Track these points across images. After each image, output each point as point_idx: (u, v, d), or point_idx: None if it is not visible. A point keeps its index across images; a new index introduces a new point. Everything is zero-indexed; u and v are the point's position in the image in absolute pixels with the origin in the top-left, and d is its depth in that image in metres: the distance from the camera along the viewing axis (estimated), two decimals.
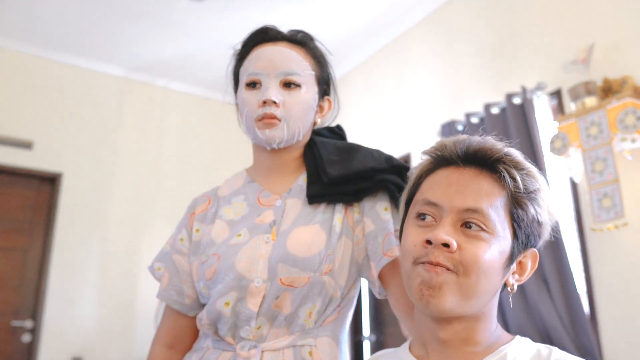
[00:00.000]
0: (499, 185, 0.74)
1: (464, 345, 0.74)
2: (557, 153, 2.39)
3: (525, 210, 0.74)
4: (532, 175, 0.76)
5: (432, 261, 0.71)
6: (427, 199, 0.76)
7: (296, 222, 1.00)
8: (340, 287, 0.99)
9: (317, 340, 0.97)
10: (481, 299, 0.72)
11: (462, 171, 0.76)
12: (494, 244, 0.71)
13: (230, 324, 0.97)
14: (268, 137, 1.01)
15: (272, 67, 1.02)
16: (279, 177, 1.09)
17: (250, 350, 0.94)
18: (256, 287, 0.96)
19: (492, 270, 0.71)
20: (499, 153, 0.76)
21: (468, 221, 0.72)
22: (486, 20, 3.15)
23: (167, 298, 1.08)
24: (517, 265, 0.76)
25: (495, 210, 0.72)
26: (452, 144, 0.78)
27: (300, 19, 3.64)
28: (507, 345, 0.74)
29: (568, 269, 2.37)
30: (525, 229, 0.74)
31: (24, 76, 3.95)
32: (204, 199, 1.13)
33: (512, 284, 0.76)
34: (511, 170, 0.74)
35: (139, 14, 3.60)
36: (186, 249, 1.09)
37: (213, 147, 4.56)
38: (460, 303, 0.71)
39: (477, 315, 0.74)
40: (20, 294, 3.69)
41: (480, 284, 0.70)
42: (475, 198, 0.73)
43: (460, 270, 0.70)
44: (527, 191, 0.74)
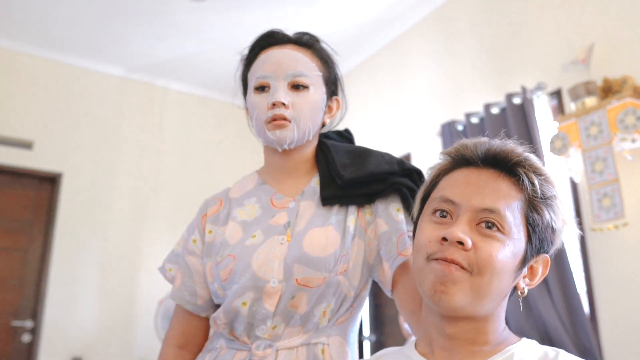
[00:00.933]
0: (516, 188, 0.75)
1: (470, 344, 0.74)
2: (557, 153, 2.39)
3: (541, 215, 0.75)
4: (550, 182, 0.76)
5: (447, 258, 0.71)
6: (444, 196, 0.76)
7: (311, 224, 1.02)
8: (354, 287, 1.00)
9: (329, 339, 0.98)
10: (492, 300, 0.72)
11: (481, 172, 0.77)
12: (509, 245, 0.72)
13: (246, 323, 0.98)
14: (279, 137, 1.03)
15: (279, 70, 1.04)
16: (291, 180, 1.10)
17: (266, 350, 0.95)
18: (272, 287, 0.97)
19: (505, 271, 0.72)
20: (519, 157, 0.76)
21: (484, 220, 0.73)
22: (486, 21, 3.15)
23: (180, 299, 1.09)
24: (528, 270, 0.76)
25: (511, 212, 0.73)
26: (473, 145, 0.79)
27: (300, 19, 3.64)
28: (514, 346, 0.74)
29: (568, 269, 2.37)
30: (539, 234, 0.75)
31: (24, 76, 3.95)
32: (215, 200, 1.14)
33: (522, 287, 0.76)
34: (530, 174, 0.75)
35: (139, 14, 3.60)
36: (199, 250, 1.09)
37: (213, 147, 4.57)
38: (471, 302, 0.71)
39: (486, 316, 0.74)
40: (20, 294, 3.69)
41: (492, 284, 0.71)
42: (492, 198, 0.73)
43: (475, 270, 0.70)
44: (544, 197, 0.75)
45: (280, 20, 3.62)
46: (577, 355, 2.21)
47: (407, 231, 1.00)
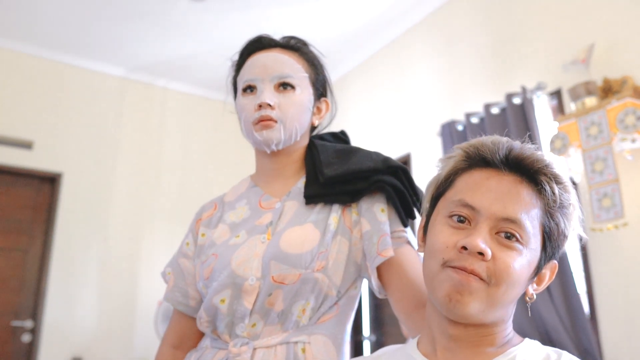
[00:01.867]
0: (537, 196, 0.73)
1: (474, 346, 0.74)
2: (557, 153, 2.39)
3: (557, 224, 0.74)
4: (568, 190, 0.75)
5: (466, 268, 0.70)
6: (464, 200, 0.74)
7: (291, 222, 1.03)
8: (336, 286, 1.00)
9: (311, 337, 0.97)
10: (503, 308, 0.73)
11: (502, 177, 0.74)
12: (526, 255, 0.71)
13: (227, 322, 0.99)
14: (266, 138, 1.04)
15: (265, 72, 1.06)
16: (280, 181, 1.11)
17: (242, 347, 0.96)
18: (250, 285, 0.98)
19: (521, 281, 0.72)
20: (542, 163, 0.74)
21: (504, 231, 0.71)
22: (486, 21, 3.15)
23: (173, 300, 1.11)
24: (537, 276, 0.77)
25: (530, 222, 0.72)
26: (493, 145, 0.78)
27: (299, 20, 3.65)
28: (517, 348, 0.74)
29: (568, 269, 2.37)
30: (553, 242, 0.74)
31: (24, 76, 3.95)
32: (210, 204, 1.16)
33: (531, 293, 0.76)
34: (552, 183, 0.73)
35: (139, 14, 3.61)
36: (191, 253, 1.12)
37: (213, 147, 4.57)
38: (484, 311, 0.70)
39: (494, 322, 0.74)
40: (20, 294, 3.69)
41: (507, 294, 0.71)
42: (514, 208, 0.71)
43: (492, 281, 0.70)
44: (562, 206, 0.74)
45: (279, 20, 3.62)
46: (578, 356, 2.21)
47: (391, 232, 1.00)
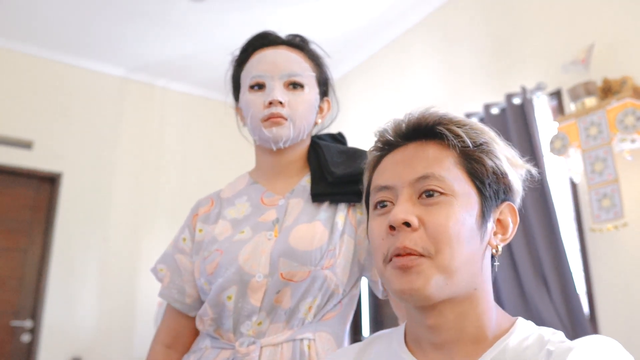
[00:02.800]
0: (444, 147, 0.70)
1: (458, 335, 0.67)
2: (557, 153, 2.39)
3: (480, 163, 0.69)
4: (477, 129, 0.72)
5: (399, 248, 0.65)
6: (378, 184, 0.72)
7: (299, 220, 1.02)
8: (342, 283, 1.00)
9: (316, 334, 0.98)
10: (465, 271, 0.66)
11: (406, 147, 0.73)
12: (457, 204, 0.66)
13: (233, 319, 0.98)
14: (275, 135, 1.04)
15: (275, 70, 1.05)
16: (282, 179, 1.11)
17: (250, 347, 0.95)
18: (257, 281, 0.97)
19: (465, 234, 0.65)
20: (436, 116, 0.72)
21: (424, 190, 0.67)
22: (486, 21, 3.15)
23: (168, 296, 1.09)
24: (497, 225, 0.71)
25: (447, 171, 0.68)
26: (391, 127, 0.76)
27: (299, 20, 3.65)
28: (507, 336, 0.67)
29: (567, 269, 2.37)
30: (488, 183, 0.69)
31: (23, 76, 3.95)
32: (207, 200, 1.15)
33: (495, 245, 0.70)
34: (451, 127, 0.71)
35: (139, 13, 3.60)
36: (188, 249, 1.10)
37: (213, 147, 4.57)
38: (444, 284, 0.65)
39: (467, 295, 0.67)
40: (19, 294, 3.69)
41: (457, 254, 0.65)
42: (424, 165, 0.69)
43: (432, 251, 0.65)
44: (476, 144, 0.70)
45: (279, 20, 3.62)
46: None
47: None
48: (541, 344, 0.65)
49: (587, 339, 0.64)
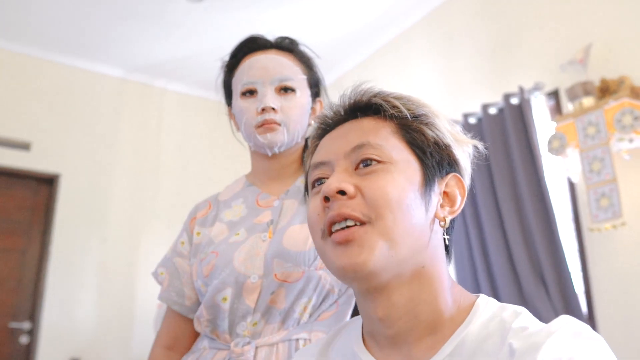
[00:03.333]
0: (381, 119, 0.67)
1: (411, 325, 0.62)
2: (555, 153, 2.40)
3: (420, 132, 0.66)
4: (415, 102, 0.68)
5: (335, 218, 0.61)
6: (314, 162, 0.68)
7: (293, 221, 1.03)
8: (337, 284, 1.00)
9: (311, 334, 0.98)
10: (410, 243, 0.61)
11: (343, 125, 0.70)
12: (396, 172, 0.62)
13: (229, 321, 0.99)
14: (270, 140, 1.04)
15: (266, 75, 1.06)
16: (278, 181, 1.11)
17: (244, 347, 0.95)
18: (252, 283, 0.98)
19: (406, 202, 0.61)
20: (371, 92, 0.69)
21: (360, 159, 0.64)
22: (484, 21, 3.15)
23: (168, 299, 1.10)
24: (444, 197, 0.67)
25: (384, 140, 0.65)
26: (332, 110, 0.72)
27: (297, 20, 3.65)
28: (467, 323, 0.61)
29: (566, 269, 2.37)
30: (429, 152, 0.66)
31: (21, 77, 3.95)
32: (204, 203, 1.16)
33: (442, 217, 0.65)
34: (388, 99, 0.68)
35: (137, 14, 3.60)
36: (187, 252, 1.11)
37: (211, 148, 4.56)
38: (388, 253, 0.59)
39: (415, 273, 0.62)
40: (18, 296, 3.68)
41: (399, 220, 0.60)
42: (359, 135, 0.66)
43: (373, 216, 0.60)
44: (415, 116, 0.67)
45: (278, 21, 3.62)
46: None
47: None
48: (503, 332, 0.59)
49: (557, 329, 0.56)
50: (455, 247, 2.86)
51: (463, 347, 0.60)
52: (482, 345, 0.59)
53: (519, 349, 0.55)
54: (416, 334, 0.62)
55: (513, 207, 2.59)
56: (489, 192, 2.72)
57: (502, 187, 2.64)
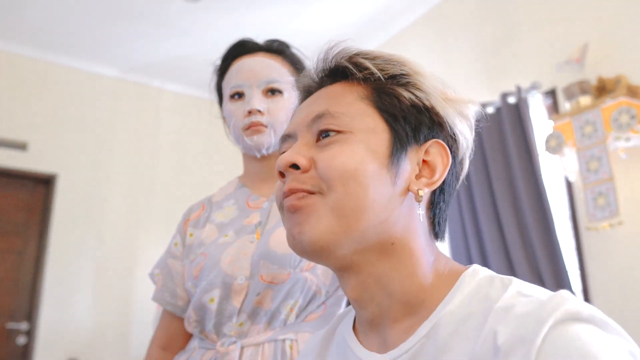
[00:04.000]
0: (351, 83, 0.61)
1: (387, 308, 0.57)
2: (552, 152, 2.40)
3: (393, 95, 0.59)
4: (394, 61, 0.61)
5: (285, 191, 0.57)
6: (282, 136, 0.64)
7: (280, 223, 1.03)
8: (324, 285, 1.01)
9: (298, 335, 0.98)
10: (371, 218, 0.55)
11: (314, 94, 0.64)
12: (356, 142, 0.57)
13: (215, 321, 1.00)
14: (257, 142, 1.06)
15: (253, 78, 1.07)
16: (269, 183, 1.12)
17: (230, 346, 0.96)
18: (239, 284, 0.99)
19: (364, 174, 0.55)
20: (342, 53, 0.63)
21: (319, 130, 0.58)
22: (481, 20, 3.15)
23: (161, 300, 1.12)
24: (423, 167, 0.59)
25: (348, 106, 0.59)
26: (305, 77, 0.67)
27: (294, 21, 3.64)
28: (449, 299, 0.55)
29: (563, 268, 2.38)
30: (404, 117, 0.59)
31: (18, 77, 3.94)
32: (198, 205, 1.18)
33: (416, 190, 0.57)
34: (358, 60, 0.61)
35: (134, 14, 3.59)
36: (180, 253, 1.13)
37: (208, 148, 4.55)
38: (340, 229, 0.54)
39: (384, 250, 0.56)
40: (15, 296, 3.67)
41: (354, 194, 0.54)
42: (320, 104, 0.60)
43: (324, 187, 0.55)
44: (393, 76, 0.60)
45: (275, 21, 3.62)
46: None
47: None
48: (485, 312, 0.51)
49: (549, 314, 0.47)
50: (453, 245, 2.87)
51: (440, 327, 0.53)
52: (461, 327, 0.52)
53: (503, 345, 0.47)
54: (392, 315, 0.57)
55: (510, 206, 2.59)
56: (486, 191, 2.72)
57: (500, 185, 2.64)
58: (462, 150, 0.62)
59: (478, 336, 0.50)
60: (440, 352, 0.52)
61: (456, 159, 0.62)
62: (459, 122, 0.62)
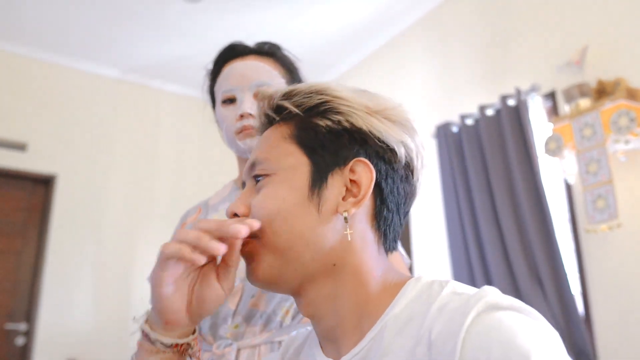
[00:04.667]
0: (278, 125, 0.66)
1: (337, 322, 0.61)
2: (552, 154, 2.40)
3: (311, 128, 0.62)
4: (312, 92, 0.63)
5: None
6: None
7: None
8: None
9: None
10: (302, 248, 0.59)
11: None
12: (279, 182, 0.61)
13: (210, 323, 1.01)
14: (249, 146, 1.06)
15: (244, 81, 1.07)
16: None
17: (225, 349, 0.97)
18: (234, 286, 0.98)
19: (287, 210, 0.59)
20: (270, 97, 0.66)
21: (253, 176, 0.64)
22: (480, 22, 3.16)
23: None
24: (353, 185, 0.61)
25: (274, 149, 0.63)
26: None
27: (293, 22, 3.65)
28: (391, 307, 0.58)
29: (562, 270, 2.38)
30: (321, 146, 0.61)
31: (17, 77, 3.94)
32: (195, 209, 1.18)
33: (342, 211, 0.59)
34: (279, 103, 0.65)
35: (133, 15, 3.60)
36: None
37: (208, 149, 4.55)
38: (278, 264, 0.60)
39: (327, 273, 0.60)
40: (14, 297, 3.67)
41: (280, 231, 0.59)
42: (254, 151, 0.66)
43: (259, 233, 0.60)
44: (308, 109, 0.63)
45: (274, 22, 3.62)
46: (573, 357, 2.22)
47: None
48: (425, 312, 0.54)
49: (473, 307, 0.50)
50: (452, 248, 2.87)
51: (385, 330, 0.56)
52: (404, 328, 0.55)
53: (436, 340, 0.51)
54: (344, 327, 0.60)
55: (510, 208, 2.60)
56: (485, 193, 2.73)
57: (499, 187, 2.64)
58: (401, 156, 0.62)
59: (418, 335, 0.53)
60: (385, 352, 0.55)
61: (395, 166, 0.62)
62: (390, 129, 0.62)
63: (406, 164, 0.63)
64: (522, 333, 0.47)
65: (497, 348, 0.47)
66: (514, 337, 0.47)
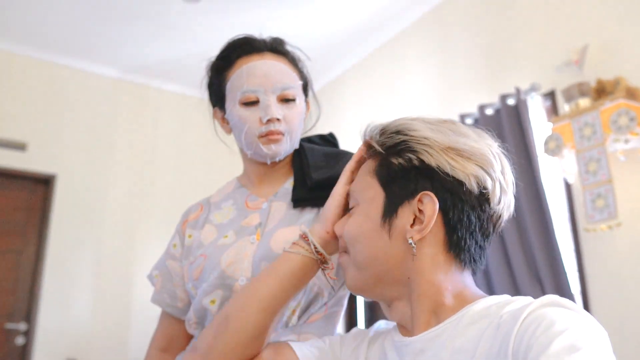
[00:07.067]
0: (370, 160, 0.78)
1: (414, 312, 0.71)
2: (551, 154, 2.40)
3: (386, 165, 0.74)
4: (393, 132, 0.74)
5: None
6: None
7: (281, 223, 1.02)
8: (327, 287, 1.00)
9: (300, 336, 0.98)
10: (377, 264, 0.72)
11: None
12: (358, 212, 0.76)
13: None
14: (274, 151, 1.03)
15: (268, 83, 1.02)
16: (267, 183, 1.11)
17: None
18: (240, 285, 0.98)
19: (363, 235, 0.74)
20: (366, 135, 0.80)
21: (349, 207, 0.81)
22: (480, 22, 3.16)
23: (161, 301, 1.11)
24: (421, 215, 0.70)
25: (359, 183, 0.78)
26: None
27: (293, 22, 3.65)
28: (468, 308, 0.67)
29: (562, 269, 2.38)
30: (393, 181, 0.72)
31: (17, 77, 3.94)
32: (197, 206, 1.16)
33: (409, 237, 0.70)
34: (367, 139, 0.79)
35: (133, 15, 3.60)
36: (179, 254, 1.12)
37: (207, 148, 4.55)
38: (357, 275, 0.75)
39: (403, 283, 0.71)
40: (14, 297, 3.67)
41: (359, 252, 0.74)
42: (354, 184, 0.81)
43: (349, 249, 0.77)
44: (389, 147, 0.74)
45: (273, 21, 3.62)
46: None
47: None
48: (497, 314, 0.63)
49: (537, 300, 0.61)
50: None
51: (462, 319, 0.66)
52: (478, 321, 0.65)
53: (503, 322, 0.61)
54: (418, 315, 0.71)
55: None
56: None
57: None
58: (472, 187, 0.70)
59: (489, 322, 0.63)
60: (458, 335, 0.65)
61: (464, 197, 0.70)
62: (461, 165, 0.70)
63: (480, 194, 0.71)
64: (566, 317, 0.56)
65: (544, 324, 0.56)
66: (559, 319, 0.56)
